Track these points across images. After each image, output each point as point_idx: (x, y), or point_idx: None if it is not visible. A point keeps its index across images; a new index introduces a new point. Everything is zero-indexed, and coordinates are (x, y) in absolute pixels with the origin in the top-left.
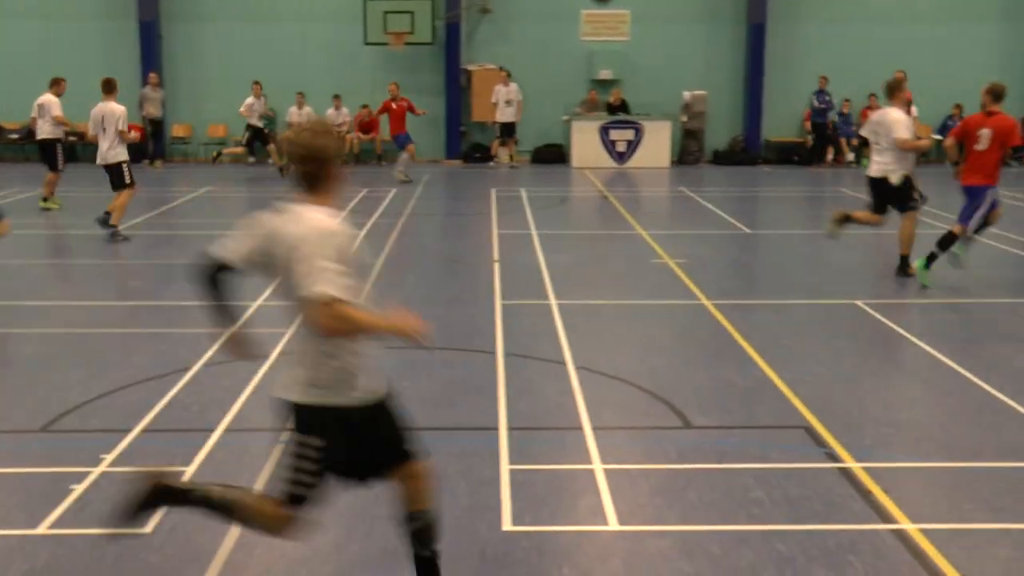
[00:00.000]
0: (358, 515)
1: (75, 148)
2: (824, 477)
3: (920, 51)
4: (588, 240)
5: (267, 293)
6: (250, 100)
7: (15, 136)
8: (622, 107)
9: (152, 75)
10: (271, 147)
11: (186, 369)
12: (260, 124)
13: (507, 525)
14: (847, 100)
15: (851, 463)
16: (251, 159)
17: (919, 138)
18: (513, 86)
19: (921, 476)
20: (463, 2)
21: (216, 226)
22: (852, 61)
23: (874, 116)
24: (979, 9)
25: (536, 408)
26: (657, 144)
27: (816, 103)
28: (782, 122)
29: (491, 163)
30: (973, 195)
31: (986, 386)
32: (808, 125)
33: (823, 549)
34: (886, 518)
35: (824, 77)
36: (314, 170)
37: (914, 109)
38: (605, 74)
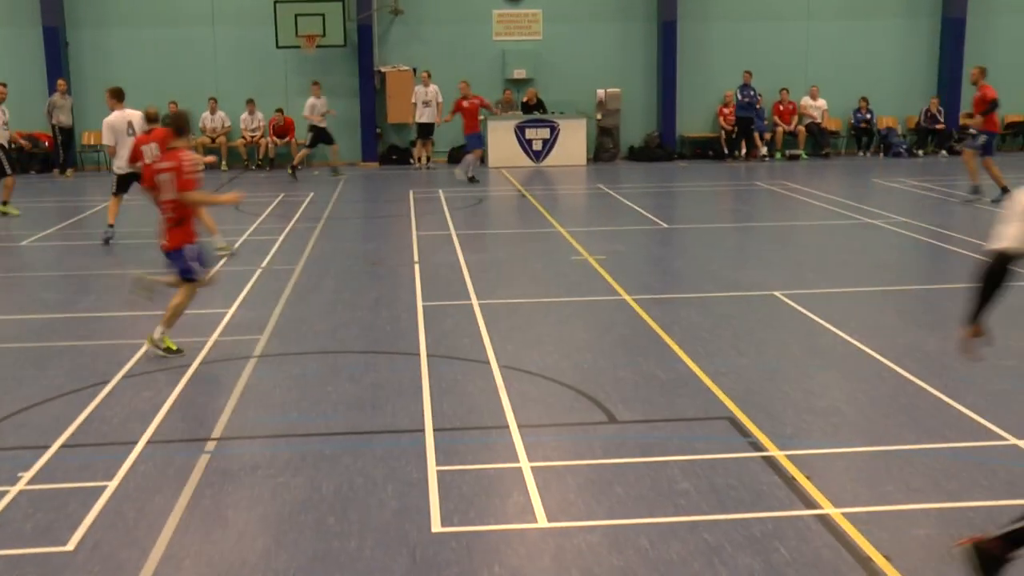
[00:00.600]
0: (285, 522)
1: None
2: (748, 466)
3: (826, 47)
4: (507, 239)
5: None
6: (311, 100)
7: None
8: (537, 106)
9: (60, 82)
10: (335, 147)
11: (105, 382)
12: (323, 124)
13: (436, 527)
14: (759, 95)
15: (774, 451)
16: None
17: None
18: (433, 87)
19: (841, 461)
20: (374, 3)
21: (133, 235)
22: (762, 57)
23: None
24: (881, 6)
25: (461, 408)
26: (573, 142)
27: (740, 97)
28: (696, 118)
29: (416, 165)
30: None
31: (901, 371)
32: (726, 119)
33: (749, 537)
34: (809, 504)
35: (748, 72)
36: None
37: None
38: (519, 73)
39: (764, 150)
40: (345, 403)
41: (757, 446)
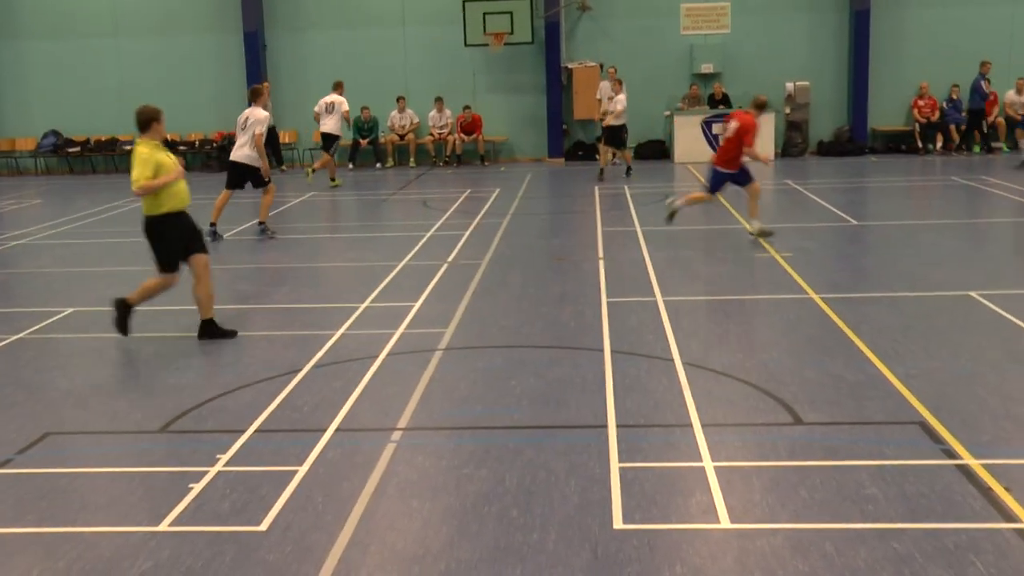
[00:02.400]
0: (469, 513)
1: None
2: (941, 474)
3: None
4: (693, 236)
5: (375, 294)
6: (603, 84)
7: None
8: (724, 100)
9: (265, 83)
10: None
11: (296, 371)
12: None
13: (618, 523)
14: (955, 86)
15: (969, 459)
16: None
17: None
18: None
19: None
20: (562, 0)
21: (322, 230)
22: (962, 46)
23: None
24: None
25: (645, 405)
26: (761, 136)
27: (979, 88)
28: (889, 110)
29: (616, 161)
30: None
31: None
32: (921, 111)
33: (942, 548)
34: (1009, 517)
35: (987, 62)
36: None
37: None
38: (706, 68)
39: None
40: (529, 397)
41: (951, 453)
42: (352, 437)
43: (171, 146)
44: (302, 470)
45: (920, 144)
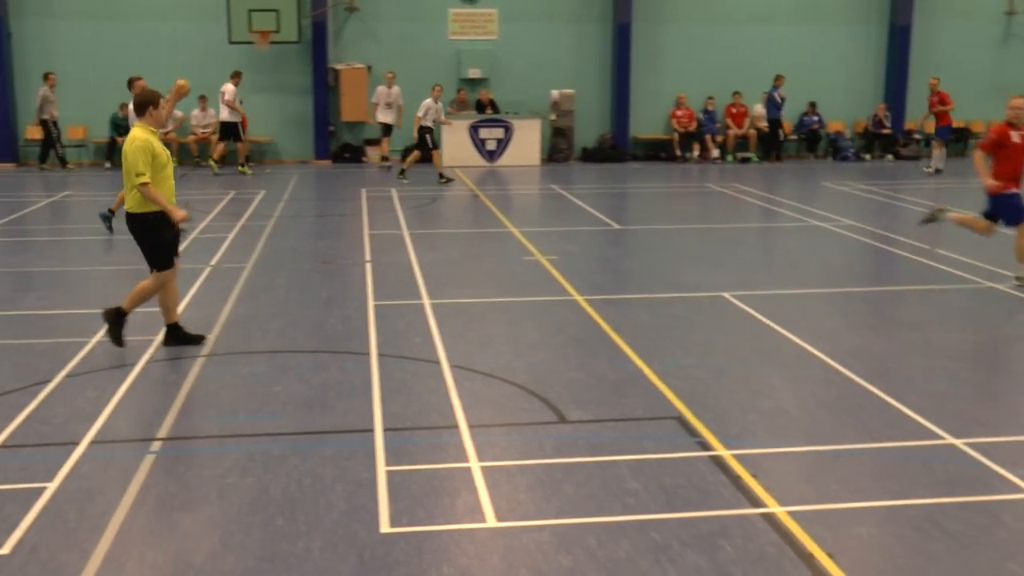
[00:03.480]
0: (233, 524)
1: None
2: (696, 465)
3: (776, 52)
4: (460, 239)
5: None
6: (428, 101)
7: None
8: (491, 106)
9: (52, 76)
10: (437, 152)
11: (47, 381)
12: (432, 126)
13: (385, 527)
14: (710, 98)
15: (721, 451)
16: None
17: None
18: (396, 89)
19: (787, 461)
20: (329, 0)
21: (76, 232)
22: (714, 61)
23: None
24: (830, 12)
25: (411, 408)
26: (527, 142)
27: (775, 99)
28: (649, 120)
29: (387, 163)
30: None
31: (847, 372)
32: (679, 121)
33: (696, 535)
34: (755, 502)
35: (780, 76)
36: None
37: None
38: (474, 73)
39: (716, 153)
40: (294, 403)
41: (705, 446)
42: (108, 449)
43: None
44: (52, 486)
45: (679, 152)
